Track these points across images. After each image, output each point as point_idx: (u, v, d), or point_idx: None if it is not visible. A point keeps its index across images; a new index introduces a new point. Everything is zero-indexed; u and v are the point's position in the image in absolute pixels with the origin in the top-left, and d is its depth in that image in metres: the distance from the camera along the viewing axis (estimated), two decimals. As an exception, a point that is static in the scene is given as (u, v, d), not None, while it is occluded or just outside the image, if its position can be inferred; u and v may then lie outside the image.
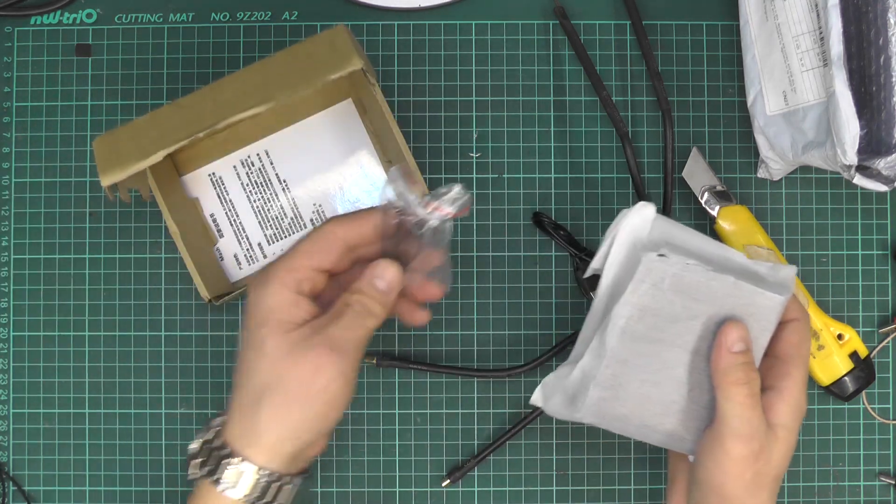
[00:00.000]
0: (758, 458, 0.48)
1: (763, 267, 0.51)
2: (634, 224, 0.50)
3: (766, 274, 0.51)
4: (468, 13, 0.63)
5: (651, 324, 0.50)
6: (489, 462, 0.62)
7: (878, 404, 0.62)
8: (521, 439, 0.62)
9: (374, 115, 0.60)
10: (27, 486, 0.62)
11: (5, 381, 0.62)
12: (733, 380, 0.48)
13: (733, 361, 0.49)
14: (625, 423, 0.52)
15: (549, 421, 0.62)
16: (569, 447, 0.62)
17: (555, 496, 0.62)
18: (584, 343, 0.52)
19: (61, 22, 0.63)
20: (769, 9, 0.58)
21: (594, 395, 0.51)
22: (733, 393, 0.48)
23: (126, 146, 0.53)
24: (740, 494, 0.48)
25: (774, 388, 0.50)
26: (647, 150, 0.63)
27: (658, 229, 0.50)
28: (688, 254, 0.49)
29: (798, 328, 0.51)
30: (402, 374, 0.62)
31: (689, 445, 0.52)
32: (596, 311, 0.52)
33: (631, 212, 0.50)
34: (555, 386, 0.52)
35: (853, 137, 0.52)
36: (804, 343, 0.51)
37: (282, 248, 0.61)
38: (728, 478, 0.48)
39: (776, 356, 0.51)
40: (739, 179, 0.63)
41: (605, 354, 0.50)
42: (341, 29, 0.54)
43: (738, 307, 0.50)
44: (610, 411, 0.51)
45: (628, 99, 0.63)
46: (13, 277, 0.62)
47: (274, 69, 0.54)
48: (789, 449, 0.50)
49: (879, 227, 0.63)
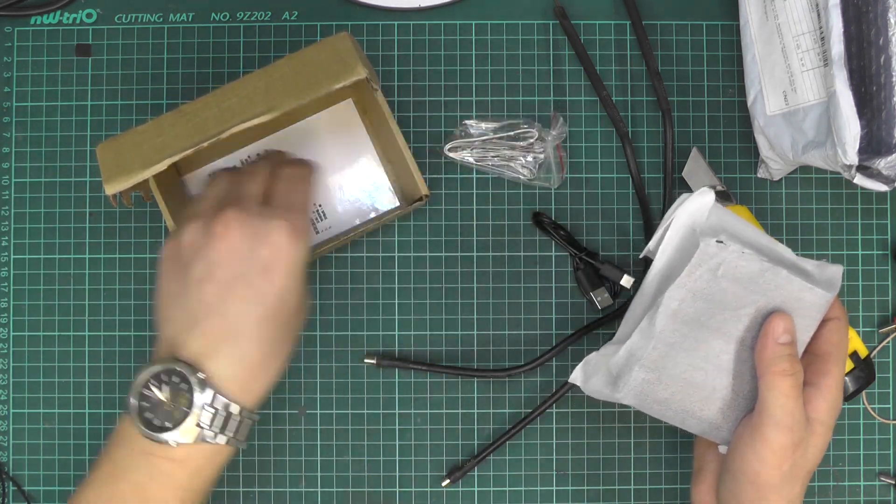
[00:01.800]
0: (796, 449, 0.49)
1: (810, 264, 0.51)
2: (693, 209, 0.51)
3: (812, 271, 0.51)
4: (468, 13, 0.63)
5: (702, 309, 0.50)
6: (489, 462, 0.62)
7: (878, 404, 0.62)
8: (521, 439, 0.62)
9: (375, 115, 0.60)
10: (27, 486, 0.62)
11: (5, 381, 0.62)
12: (778, 370, 0.49)
13: (779, 352, 0.49)
14: (665, 406, 0.52)
15: (549, 421, 0.62)
16: (569, 447, 0.62)
17: (555, 496, 0.62)
18: (632, 323, 0.52)
19: (61, 22, 0.63)
20: (769, 9, 0.58)
21: (638, 377, 0.51)
22: (777, 383, 0.49)
23: (130, 154, 0.53)
24: (776, 484, 0.49)
25: (813, 384, 0.51)
26: (647, 150, 0.63)
27: (715, 216, 0.51)
28: (743, 243, 0.50)
29: (839, 327, 0.52)
30: (402, 374, 0.62)
31: (724, 435, 0.52)
32: (646, 293, 0.52)
33: (691, 197, 0.51)
34: (598, 364, 0.52)
35: (854, 137, 0.52)
36: (843, 342, 0.52)
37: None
38: (765, 467, 0.49)
39: (816, 353, 0.52)
40: (739, 179, 0.63)
41: (654, 335, 0.50)
42: (344, 36, 0.54)
43: (786, 300, 0.50)
44: (652, 394, 0.51)
45: (628, 99, 0.63)
46: (13, 277, 0.62)
47: (277, 77, 0.53)
48: (824, 445, 0.51)
49: (879, 227, 0.63)
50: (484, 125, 0.61)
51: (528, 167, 0.61)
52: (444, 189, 0.62)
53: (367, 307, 0.62)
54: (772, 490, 0.49)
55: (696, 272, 0.49)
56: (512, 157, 0.60)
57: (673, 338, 0.50)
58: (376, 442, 0.62)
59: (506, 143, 0.61)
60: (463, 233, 0.62)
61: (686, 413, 0.52)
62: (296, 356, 0.62)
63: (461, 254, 0.62)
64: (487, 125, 0.61)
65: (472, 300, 0.62)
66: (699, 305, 0.50)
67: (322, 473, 0.62)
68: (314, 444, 0.62)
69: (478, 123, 0.61)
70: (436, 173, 0.63)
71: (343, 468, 0.62)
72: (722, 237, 0.49)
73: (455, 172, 0.63)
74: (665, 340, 0.50)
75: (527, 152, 0.60)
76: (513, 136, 0.61)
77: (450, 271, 0.62)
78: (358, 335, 0.62)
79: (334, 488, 0.62)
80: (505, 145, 0.60)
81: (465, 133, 0.60)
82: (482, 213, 0.62)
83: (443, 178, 0.63)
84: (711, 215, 0.51)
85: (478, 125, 0.61)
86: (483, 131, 0.61)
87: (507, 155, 0.60)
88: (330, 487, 0.62)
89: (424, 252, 0.62)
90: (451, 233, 0.62)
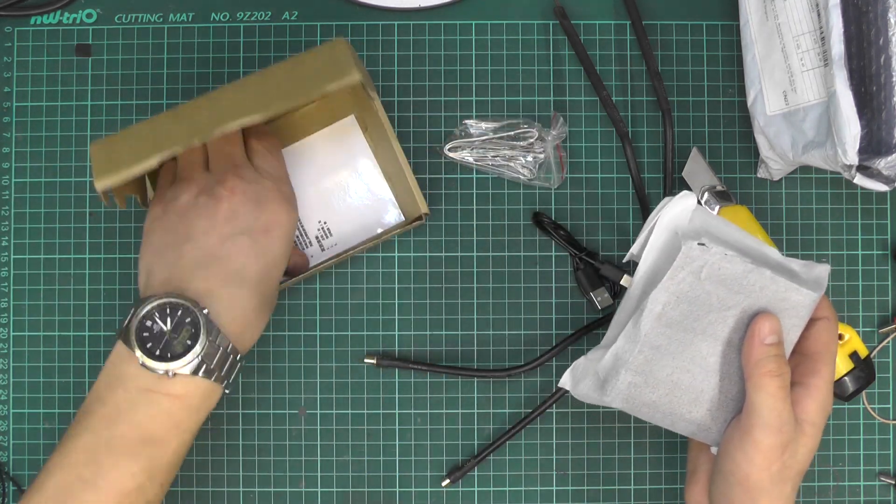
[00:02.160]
0: (785, 450, 0.49)
1: (797, 264, 0.51)
2: (676, 212, 0.51)
3: (799, 271, 0.51)
4: (468, 13, 0.63)
5: (686, 312, 0.50)
6: (489, 462, 0.62)
7: (878, 404, 0.62)
8: (521, 439, 0.62)
9: (375, 129, 0.60)
10: (27, 486, 0.62)
11: (5, 381, 0.62)
12: (765, 371, 0.49)
13: (766, 353, 0.49)
14: (653, 409, 0.52)
15: (549, 421, 0.62)
16: (569, 447, 0.62)
17: (555, 496, 0.62)
18: (618, 327, 0.52)
19: (61, 22, 0.63)
20: (769, 9, 0.58)
21: (625, 380, 0.51)
22: (765, 384, 0.49)
23: (122, 152, 0.53)
24: (765, 486, 0.49)
25: (802, 384, 0.50)
26: (647, 150, 0.63)
27: (698, 219, 0.51)
28: (726, 245, 0.50)
29: (827, 327, 0.52)
30: (402, 374, 0.62)
31: (714, 436, 0.52)
32: (631, 297, 0.52)
33: (673, 200, 0.51)
34: (586, 369, 0.52)
35: (854, 137, 0.52)
36: (833, 342, 0.52)
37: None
38: (754, 468, 0.49)
39: (804, 353, 0.51)
40: (739, 179, 0.63)
41: (639, 339, 0.50)
42: (341, 42, 0.54)
43: (772, 301, 0.50)
44: (639, 397, 0.51)
45: (628, 99, 0.63)
46: (13, 277, 0.62)
47: (273, 79, 0.54)
48: (814, 445, 0.50)
49: (879, 227, 0.63)
50: (484, 125, 0.61)
51: (528, 167, 0.61)
52: (444, 189, 0.62)
53: (367, 307, 0.62)
54: (762, 492, 0.49)
55: (679, 275, 0.49)
56: (512, 157, 0.60)
57: (658, 341, 0.50)
58: (376, 442, 0.62)
59: (506, 143, 0.61)
60: (463, 233, 0.62)
61: (675, 416, 0.52)
62: (296, 356, 0.62)
63: (461, 254, 0.62)
64: (487, 125, 0.61)
65: (472, 300, 0.62)
66: (684, 308, 0.50)
67: (322, 473, 0.62)
68: (314, 444, 0.62)
69: (478, 123, 0.61)
70: (436, 173, 0.63)
71: (343, 468, 0.62)
72: (704, 240, 0.49)
73: (455, 172, 0.62)
74: (650, 343, 0.50)
75: (527, 152, 0.60)
76: (513, 136, 0.61)
77: (450, 271, 0.62)
78: (358, 335, 0.62)
79: (334, 488, 0.62)
80: (505, 145, 0.60)
81: (465, 133, 0.60)
82: (482, 212, 0.62)
83: (443, 178, 0.62)
84: (694, 218, 0.51)
85: (478, 125, 0.61)
86: (483, 131, 0.61)
87: (507, 155, 0.60)
88: (330, 487, 0.62)
89: (424, 252, 0.62)
90: (451, 233, 0.62)
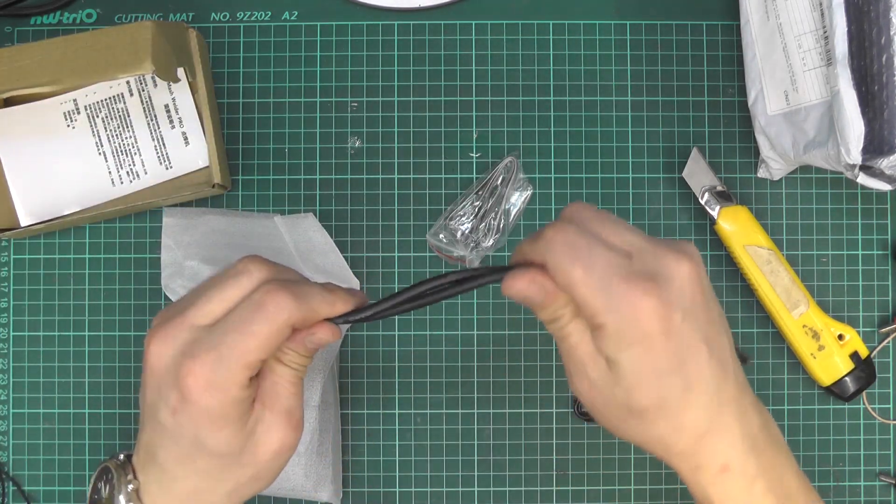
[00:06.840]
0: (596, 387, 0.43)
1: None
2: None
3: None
4: (468, 13, 0.63)
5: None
6: (489, 462, 0.62)
7: (879, 404, 0.62)
8: (521, 439, 0.62)
9: (200, 98, 0.60)
10: (27, 486, 0.62)
11: (5, 381, 0.62)
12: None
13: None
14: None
15: (549, 421, 0.62)
16: (569, 447, 0.62)
17: (555, 496, 0.62)
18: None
19: (61, 22, 0.63)
20: (770, 8, 0.58)
21: None
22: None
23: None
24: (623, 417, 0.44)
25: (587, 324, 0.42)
26: (648, 150, 0.63)
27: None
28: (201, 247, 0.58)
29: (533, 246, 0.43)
30: (403, 374, 0.62)
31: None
32: None
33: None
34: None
35: (857, 137, 0.52)
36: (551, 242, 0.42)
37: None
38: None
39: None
40: (739, 179, 0.63)
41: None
42: (147, 25, 0.54)
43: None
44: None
45: (628, 99, 0.63)
46: (13, 277, 0.62)
47: (73, 50, 0.54)
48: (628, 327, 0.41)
49: (879, 227, 0.63)
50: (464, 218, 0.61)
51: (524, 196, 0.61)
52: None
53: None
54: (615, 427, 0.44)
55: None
56: (504, 196, 0.61)
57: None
58: (376, 442, 0.62)
59: (493, 194, 0.61)
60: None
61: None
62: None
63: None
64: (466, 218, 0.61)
65: (472, 300, 0.62)
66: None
67: (322, 473, 0.62)
68: (314, 444, 0.62)
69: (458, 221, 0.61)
70: (436, 173, 0.63)
71: (343, 468, 0.62)
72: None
73: (455, 172, 0.62)
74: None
75: (514, 189, 0.61)
76: (493, 184, 0.61)
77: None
78: (358, 335, 0.62)
79: (334, 488, 0.62)
80: (493, 196, 0.61)
81: (451, 232, 0.61)
82: (482, 213, 0.62)
83: (442, 179, 0.62)
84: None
85: (459, 222, 0.61)
86: (466, 225, 0.61)
87: (500, 200, 0.61)
88: (330, 487, 0.62)
89: (424, 252, 0.62)
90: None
